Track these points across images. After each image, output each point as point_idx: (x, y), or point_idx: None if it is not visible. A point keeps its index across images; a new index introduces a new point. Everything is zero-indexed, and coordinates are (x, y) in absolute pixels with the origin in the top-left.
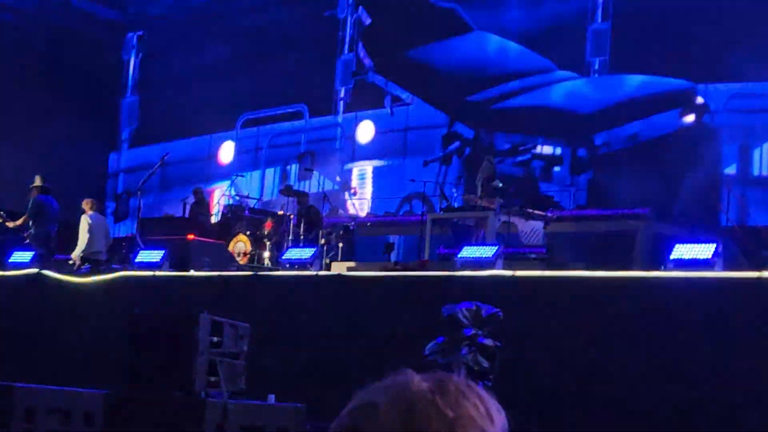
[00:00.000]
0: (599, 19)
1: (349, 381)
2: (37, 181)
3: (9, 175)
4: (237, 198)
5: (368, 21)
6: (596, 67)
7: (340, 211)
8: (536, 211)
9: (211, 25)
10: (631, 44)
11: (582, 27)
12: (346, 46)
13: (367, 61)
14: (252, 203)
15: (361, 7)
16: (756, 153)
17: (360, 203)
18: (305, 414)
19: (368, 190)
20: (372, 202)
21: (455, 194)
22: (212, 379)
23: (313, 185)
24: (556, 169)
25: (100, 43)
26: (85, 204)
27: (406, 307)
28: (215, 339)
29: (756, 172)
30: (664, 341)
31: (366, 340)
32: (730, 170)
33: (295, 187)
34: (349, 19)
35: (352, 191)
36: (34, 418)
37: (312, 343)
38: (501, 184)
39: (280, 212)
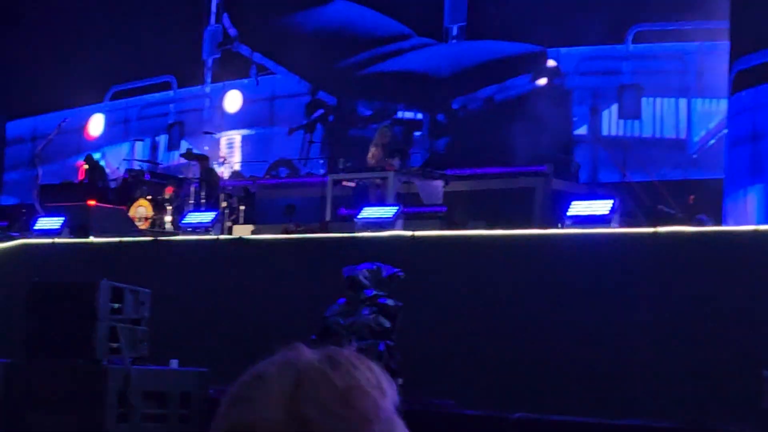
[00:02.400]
0: None
1: (251, 345)
2: None
3: None
4: (134, 163)
5: None
6: (454, 33)
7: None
8: (436, 171)
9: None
10: (488, 10)
11: None
12: (213, 17)
13: (232, 31)
14: (152, 168)
15: None
16: (605, 114)
17: (231, 170)
18: (208, 378)
19: (237, 159)
20: (242, 169)
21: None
22: (114, 345)
23: None
24: (417, 133)
25: None
26: None
27: (307, 270)
28: (116, 305)
29: (605, 132)
30: (563, 298)
31: (268, 302)
32: (582, 131)
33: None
34: None
35: (221, 160)
36: None
37: (214, 307)
38: (400, 145)
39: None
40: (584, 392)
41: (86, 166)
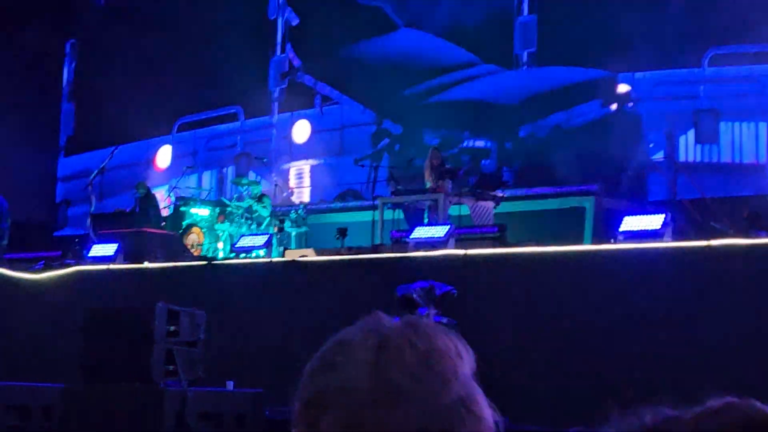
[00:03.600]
0: (525, 12)
1: (304, 366)
2: None
3: None
4: (185, 190)
5: (296, 21)
6: (525, 59)
7: (292, 199)
8: (486, 192)
9: (144, 30)
10: (558, 36)
11: (510, 20)
12: (278, 47)
13: (296, 61)
14: (202, 194)
15: (288, 8)
16: (681, 139)
17: (299, 195)
18: (263, 399)
19: (306, 190)
20: (311, 198)
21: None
22: (170, 368)
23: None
24: (484, 162)
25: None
26: None
27: (361, 290)
28: (172, 328)
29: (682, 158)
30: (617, 314)
31: (322, 324)
32: (658, 157)
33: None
34: (279, 19)
35: (290, 191)
36: None
37: (269, 329)
38: (449, 166)
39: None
40: (640, 406)
41: (138, 195)
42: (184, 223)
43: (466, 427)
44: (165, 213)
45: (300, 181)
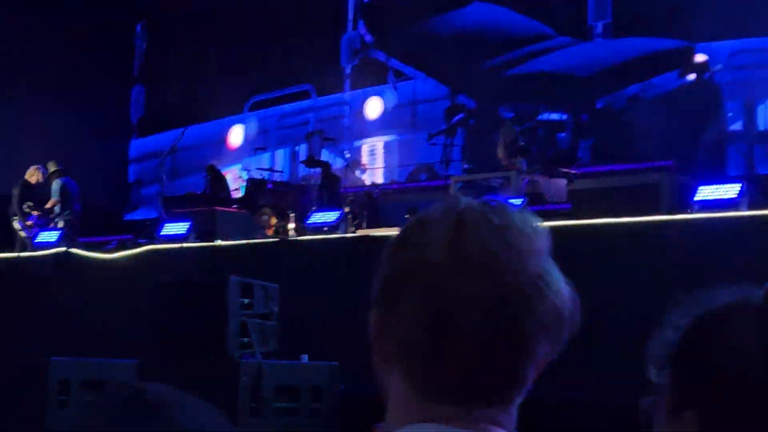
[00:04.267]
0: None
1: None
2: (52, 167)
3: (28, 162)
4: (256, 172)
5: None
6: (599, 31)
7: (364, 177)
8: (560, 169)
9: (215, 9)
10: (633, 6)
11: None
12: (350, 24)
13: (368, 38)
14: (275, 176)
15: None
16: (760, 108)
17: (371, 179)
18: (339, 372)
19: (379, 166)
20: (384, 178)
21: (464, 166)
22: (245, 340)
23: None
24: (560, 135)
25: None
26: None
27: None
28: (245, 301)
29: (761, 127)
30: (694, 284)
31: None
32: (736, 126)
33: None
34: None
35: (363, 167)
36: (69, 390)
37: (342, 304)
38: (522, 144)
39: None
40: None
41: (208, 177)
42: (256, 204)
43: (543, 300)
44: (236, 195)
45: (373, 157)
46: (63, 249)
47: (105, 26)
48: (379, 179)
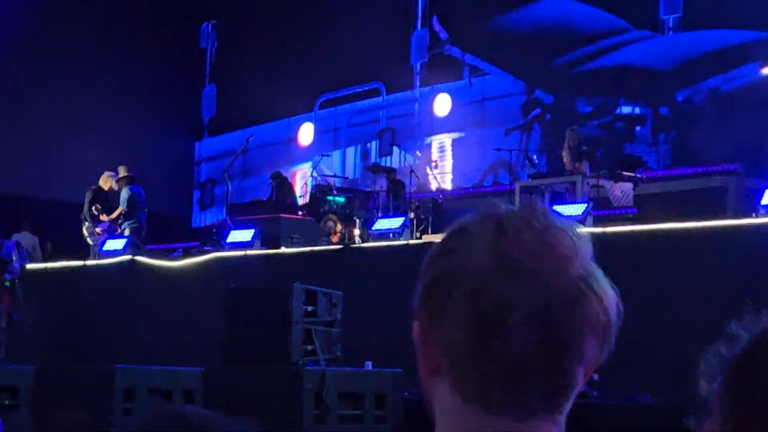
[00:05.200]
0: None
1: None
2: (123, 172)
3: (96, 166)
4: (320, 178)
5: None
6: (670, 25)
7: (435, 173)
8: (625, 173)
9: (284, 8)
10: (704, 0)
11: None
12: (419, 21)
13: (442, 34)
14: (338, 182)
15: None
16: None
17: (442, 176)
18: (402, 379)
19: (449, 163)
20: (453, 174)
21: (537, 160)
22: (308, 347)
23: (394, 161)
24: (639, 129)
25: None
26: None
27: None
28: (309, 308)
29: None
30: (760, 290)
31: None
32: None
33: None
34: None
35: (433, 164)
36: (135, 397)
37: (406, 311)
38: (586, 148)
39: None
40: None
41: (273, 184)
42: (321, 211)
43: (588, 301)
44: (303, 200)
45: (442, 154)
46: (129, 257)
47: (176, 27)
48: (449, 176)
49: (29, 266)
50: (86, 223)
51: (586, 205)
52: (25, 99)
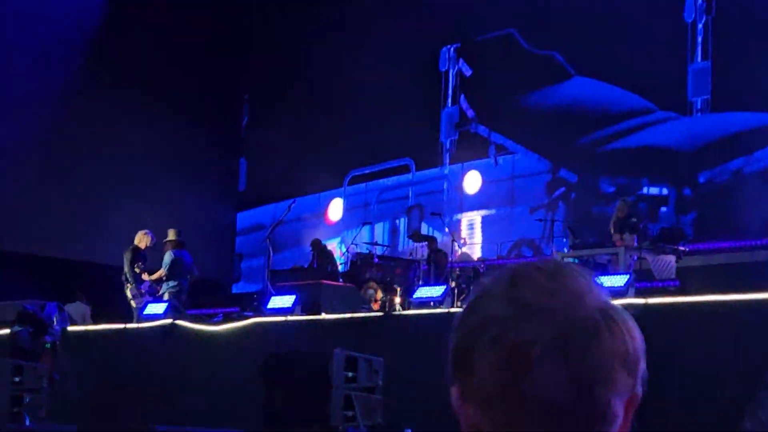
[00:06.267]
0: (699, 59)
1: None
2: (171, 236)
3: (138, 229)
4: (355, 245)
5: (469, 72)
6: (698, 106)
7: (464, 250)
8: (668, 245)
9: (315, 84)
10: (733, 82)
11: (682, 67)
12: (449, 99)
13: (469, 112)
14: (374, 249)
15: (461, 59)
16: None
17: (471, 248)
18: None
19: (477, 240)
20: (482, 251)
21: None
22: (349, 413)
23: None
24: (662, 209)
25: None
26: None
27: None
28: (350, 374)
29: None
30: None
31: None
32: None
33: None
34: (450, 71)
35: (462, 241)
36: None
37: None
38: (635, 220)
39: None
40: None
41: (314, 251)
42: (362, 279)
43: (609, 333)
44: (342, 269)
45: (471, 231)
46: (170, 321)
47: (219, 99)
48: (477, 253)
49: (70, 328)
50: (129, 285)
51: (628, 276)
52: (74, 165)
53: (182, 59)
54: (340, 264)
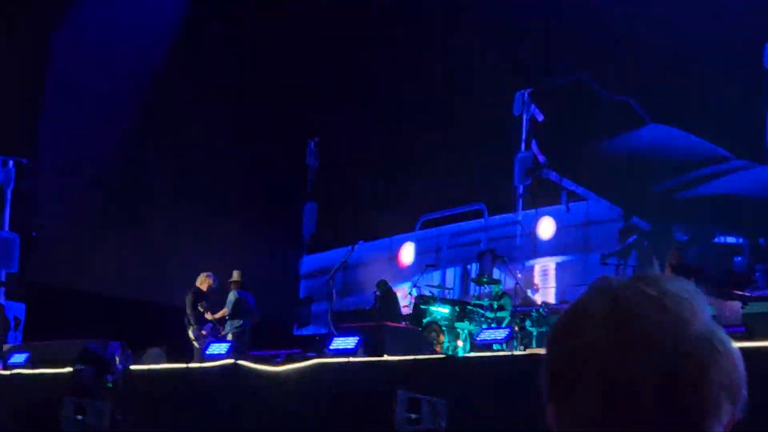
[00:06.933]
0: None
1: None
2: (235, 276)
3: (205, 269)
4: (421, 288)
5: (541, 117)
6: None
7: (536, 297)
8: (734, 291)
9: (385, 128)
10: None
11: (760, 115)
12: (523, 143)
13: (541, 158)
14: (442, 293)
15: (533, 105)
16: None
17: (545, 291)
18: None
19: (551, 286)
20: (556, 298)
21: None
22: None
23: None
24: (737, 258)
25: (287, 149)
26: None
27: None
28: (413, 415)
29: None
30: None
31: None
32: None
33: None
34: (524, 116)
35: (535, 288)
36: None
37: (510, 421)
38: (694, 266)
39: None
40: None
41: (378, 293)
42: (425, 321)
43: (715, 359)
44: (406, 311)
45: (545, 278)
46: (232, 361)
47: (280, 144)
48: (551, 300)
49: (133, 368)
50: (191, 326)
51: None
52: (139, 205)
53: (250, 102)
54: (406, 306)
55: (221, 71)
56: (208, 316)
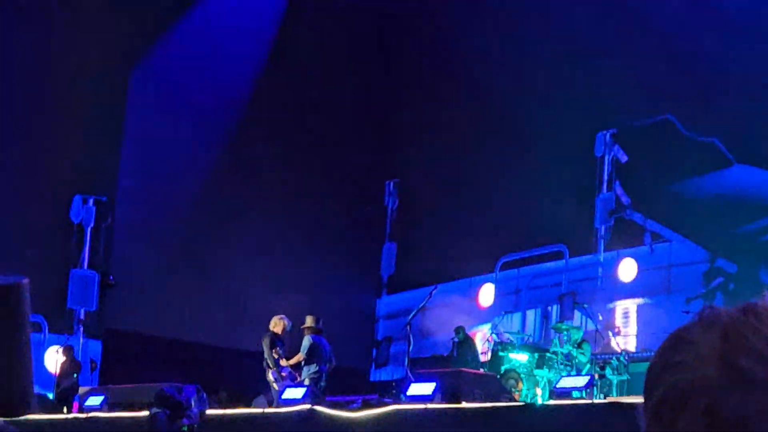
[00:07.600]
0: None
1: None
2: (309, 322)
3: (282, 312)
4: (502, 335)
5: (625, 158)
6: None
7: (617, 340)
8: None
9: (466, 170)
10: None
11: None
12: (605, 185)
13: (625, 199)
14: (520, 340)
15: (617, 145)
16: None
17: (624, 342)
18: None
19: (632, 329)
20: (637, 341)
21: None
22: None
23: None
24: None
25: (365, 189)
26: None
27: None
28: None
29: None
30: None
31: None
32: None
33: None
34: (606, 157)
35: (616, 330)
36: None
37: None
38: None
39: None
40: None
41: (456, 339)
42: (503, 368)
43: None
44: (484, 358)
45: (626, 320)
46: (308, 406)
47: (362, 185)
48: (631, 346)
49: (209, 412)
50: (270, 369)
51: None
52: (214, 248)
53: (329, 141)
54: (485, 350)
55: (300, 108)
56: (283, 363)
